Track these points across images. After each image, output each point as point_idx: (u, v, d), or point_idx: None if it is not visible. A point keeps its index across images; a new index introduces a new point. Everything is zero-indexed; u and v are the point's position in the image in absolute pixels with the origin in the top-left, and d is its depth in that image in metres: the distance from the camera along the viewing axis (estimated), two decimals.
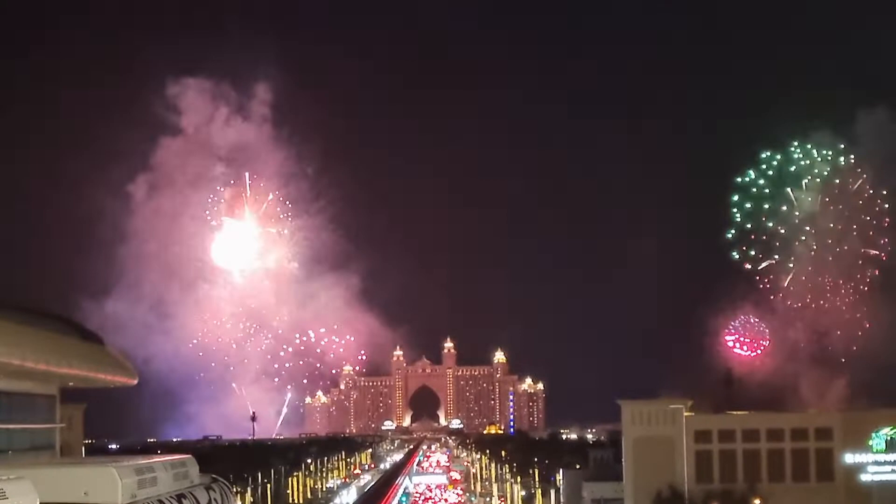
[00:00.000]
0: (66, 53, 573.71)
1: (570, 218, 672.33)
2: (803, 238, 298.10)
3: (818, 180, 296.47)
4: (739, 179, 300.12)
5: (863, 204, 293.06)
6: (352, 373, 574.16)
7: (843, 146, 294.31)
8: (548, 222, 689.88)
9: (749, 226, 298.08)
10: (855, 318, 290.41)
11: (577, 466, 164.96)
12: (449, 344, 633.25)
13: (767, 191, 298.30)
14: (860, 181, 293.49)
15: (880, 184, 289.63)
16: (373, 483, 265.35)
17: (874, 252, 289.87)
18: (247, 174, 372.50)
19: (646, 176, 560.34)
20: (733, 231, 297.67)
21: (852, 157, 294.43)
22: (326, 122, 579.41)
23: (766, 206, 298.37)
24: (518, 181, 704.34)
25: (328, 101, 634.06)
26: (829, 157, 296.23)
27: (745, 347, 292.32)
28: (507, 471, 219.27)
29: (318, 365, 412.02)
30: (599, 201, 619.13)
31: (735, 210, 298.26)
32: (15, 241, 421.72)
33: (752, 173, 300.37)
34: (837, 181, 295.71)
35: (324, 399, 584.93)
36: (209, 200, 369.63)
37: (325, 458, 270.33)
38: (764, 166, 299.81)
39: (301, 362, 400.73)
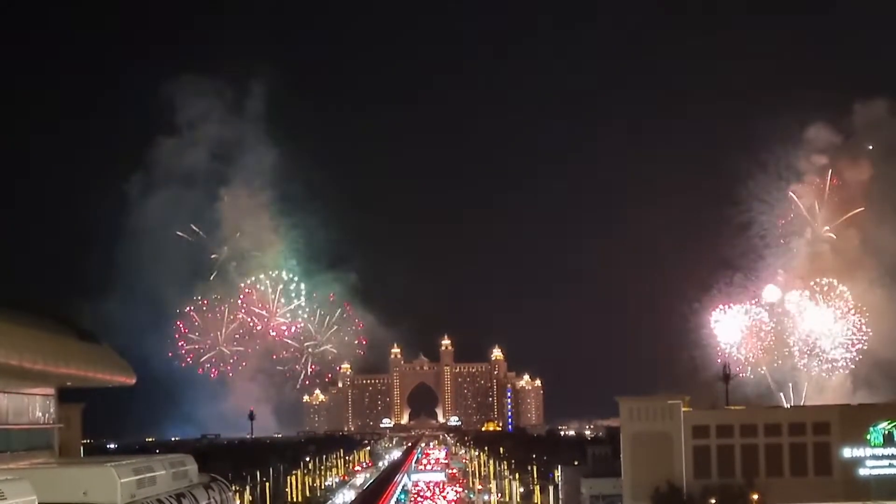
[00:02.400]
0: (60, 52, 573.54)
1: (568, 214, 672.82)
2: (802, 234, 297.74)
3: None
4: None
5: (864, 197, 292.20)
6: (349, 371, 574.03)
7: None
8: (545, 219, 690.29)
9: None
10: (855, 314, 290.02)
11: (576, 463, 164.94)
12: (446, 341, 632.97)
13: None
14: (861, 173, 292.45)
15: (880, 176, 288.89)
16: (371, 480, 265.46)
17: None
18: (244, 171, 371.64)
19: (644, 174, 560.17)
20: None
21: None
22: (323, 119, 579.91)
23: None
24: (516, 178, 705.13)
25: (325, 97, 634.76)
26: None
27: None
28: (506, 467, 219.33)
29: (315, 365, 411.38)
30: (598, 199, 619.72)
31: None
32: (10, 240, 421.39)
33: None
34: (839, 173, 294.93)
35: (322, 397, 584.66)
36: (206, 198, 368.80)
37: (324, 457, 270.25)
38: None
39: (299, 360, 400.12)
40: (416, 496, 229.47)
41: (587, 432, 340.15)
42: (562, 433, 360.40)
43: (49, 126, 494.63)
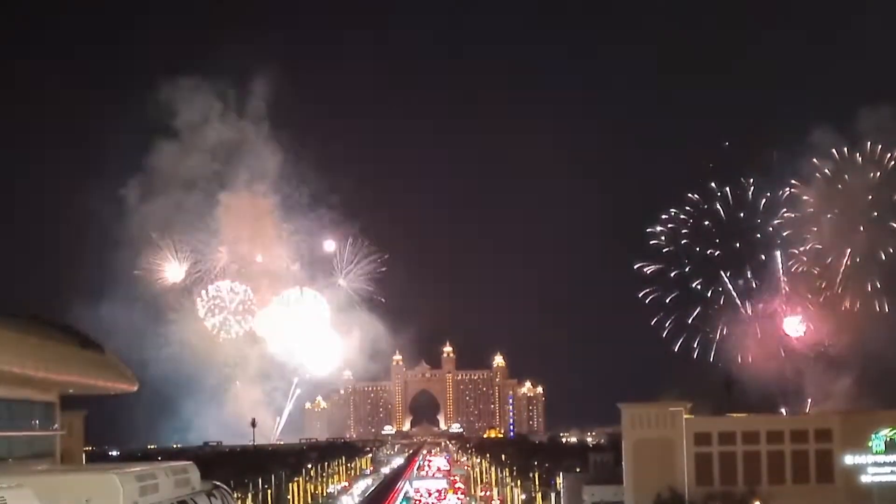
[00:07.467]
0: (58, 54, 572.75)
1: (569, 222, 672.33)
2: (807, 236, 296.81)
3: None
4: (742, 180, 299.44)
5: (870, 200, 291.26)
6: (351, 377, 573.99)
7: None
8: (546, 227, 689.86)
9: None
10: (861, 317, 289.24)
11: (578, 470, 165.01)
12: (448, 348, 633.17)
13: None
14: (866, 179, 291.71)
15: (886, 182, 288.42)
16: (373, 487, 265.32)
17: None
18: (244, 175, 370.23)
19: (644, 179, 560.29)
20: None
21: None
22: (325, 121, 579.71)
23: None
24: (517, 184, 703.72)
25: (327, 99, 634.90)
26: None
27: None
28: (508, 474, 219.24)
29: (316, 371, 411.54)
30: (598, 203, 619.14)
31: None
32: (8, 245, 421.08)
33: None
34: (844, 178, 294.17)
35: (324, 404, 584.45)
36: (205, 203, 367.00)
37: (326, 464, 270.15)
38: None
39: (301, 367, 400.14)
40: (417, 502, 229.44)
41: (589, 439, 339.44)
42: (563, 440, 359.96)
43: (44, 128, 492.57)
